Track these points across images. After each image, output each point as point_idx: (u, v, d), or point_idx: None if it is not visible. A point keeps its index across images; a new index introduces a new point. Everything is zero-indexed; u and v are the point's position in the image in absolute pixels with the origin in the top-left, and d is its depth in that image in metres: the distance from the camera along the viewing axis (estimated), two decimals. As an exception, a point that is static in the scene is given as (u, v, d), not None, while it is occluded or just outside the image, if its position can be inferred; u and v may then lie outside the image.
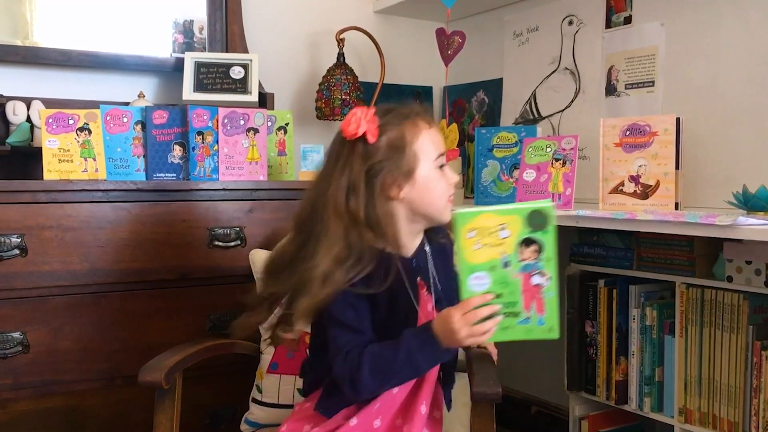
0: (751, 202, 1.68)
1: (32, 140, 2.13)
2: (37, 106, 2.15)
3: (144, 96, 2.29)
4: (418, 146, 1.32)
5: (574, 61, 2.44)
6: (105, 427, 1.89)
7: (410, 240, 1.38)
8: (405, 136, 1.32)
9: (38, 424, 1.81)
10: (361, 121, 1.30)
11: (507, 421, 2.51)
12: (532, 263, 1.22)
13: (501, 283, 1.22)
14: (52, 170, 1.90)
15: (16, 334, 1.78)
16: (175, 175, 2.05)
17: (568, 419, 2.16)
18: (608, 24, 2.32)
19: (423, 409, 1.34)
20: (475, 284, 1.23)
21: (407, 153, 1.31)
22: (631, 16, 2.25)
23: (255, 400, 1.79)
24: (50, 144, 1.90)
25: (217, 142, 2.05)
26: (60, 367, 1.83)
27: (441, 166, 1.35)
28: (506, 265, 1.22)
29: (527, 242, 1.21)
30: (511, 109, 2.68)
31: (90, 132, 1.94)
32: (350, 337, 1.31)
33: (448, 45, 2.47)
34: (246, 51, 2.47)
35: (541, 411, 2.58)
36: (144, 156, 2.03)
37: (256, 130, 2.09)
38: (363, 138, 1.30)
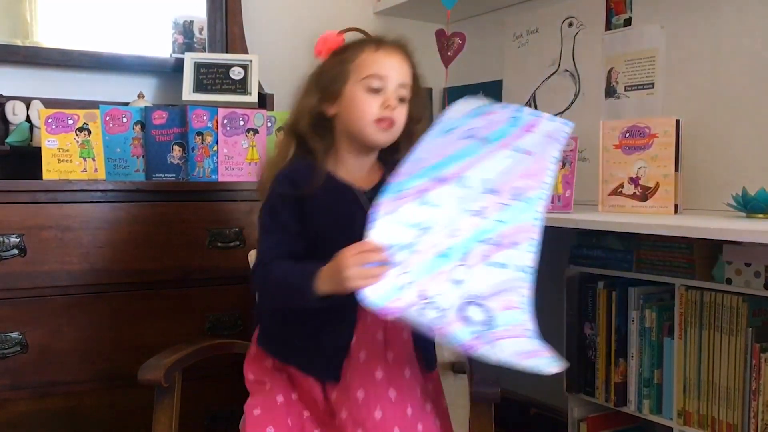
0: (750, 205, 1.68)
1: (31, 140, 2.13)
2: (36, 106, 2.15)
3: (143, 96, 2.29)
4: (354, 65, 1.37)
5: (574, 63, 2.44)
6: (104, 429, 1.89)
7: (360, 168, 1.41)
8: (348, 55, 1.39)
9: (37, 425, 1.81)
10: (325, 41, 1.42)
11: (506, 422, 2.50)
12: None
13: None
14: (51, 170, 1.90)
15: (15, 335, 1.77)
16: (174, 175, 2.04)
17: (566, 421, 2.16)
18: (608, 26, 2.32)
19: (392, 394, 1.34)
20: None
21: (343, 69, 1.38)
22: (631, 18, 2.25)
23: (254, 401, 1.78)
24: (49, 144, 1.90)
25: (217, 143, 2.05)
26: (59, 368, 1.82)
27: (376, 90, 1.35)
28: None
29: None
30: (510, 111, 2.68)
31: (89, 132, 1.94)
32: (267, 245, 1.36)
33: (448, 46, 2.47)
34: (246, 52, 2.47)
35: (539, 413, 2.58)
36: (143, 156, 2.03)
37: (255, 131, 2.09)
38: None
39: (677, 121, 1.88)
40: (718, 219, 1.68)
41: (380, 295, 1.16)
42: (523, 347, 1.19)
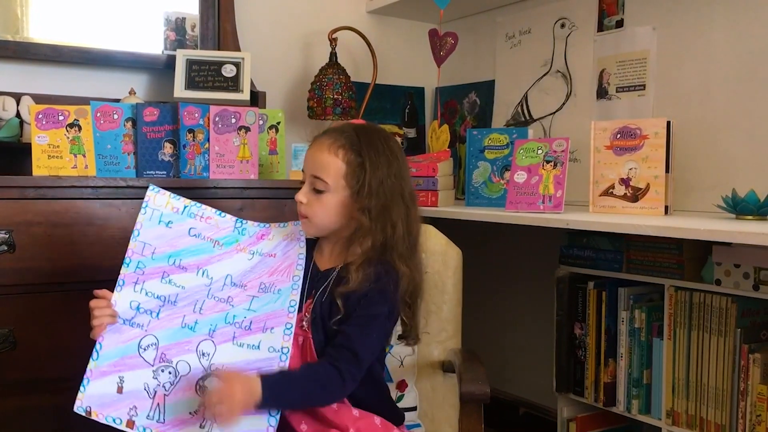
0: (740, 206, 1.69)
1: (21, 136, 2.12)
2: (27, 101, 2.14)
3: (135, 93, 2.28)
4: None
5: (566, 64, 2.45)
6: (93, 426, 1.88)
7: (329, 250, 1.48)
8: None
9: (25, 422, 1.80)
10: None
11: (495, 422, 2.51)
12: None
13: None
14: (41, 166, 1.89)
15: (4, 331, 1.76)
16: (165, 172, 2.04)
17: (556, 421, 2.17)
18: (600, 27, 2.33)
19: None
20: None
21: None
22: (623, 19, 2.26)
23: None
24: (40, 140, 1.89)
25: (208, 140, 2.04)
26: (48, 365, 1.81)
27: (302, 183, 1.44)
28: None
29: None
30: (502, 111, 2.68)
31: (80, 128, 1.93)
32: None
33: (440, 46, 2.47)
34: (238, 49, 2.47)
35: (529, 412, 2.59)
36: (134, 153, 2.02)
37: (247, 129, 2.08)
38: None
39: (668, 123, 1.89)
40: (708, 220, 1.69)
41: (114, 349, 1.37)
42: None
